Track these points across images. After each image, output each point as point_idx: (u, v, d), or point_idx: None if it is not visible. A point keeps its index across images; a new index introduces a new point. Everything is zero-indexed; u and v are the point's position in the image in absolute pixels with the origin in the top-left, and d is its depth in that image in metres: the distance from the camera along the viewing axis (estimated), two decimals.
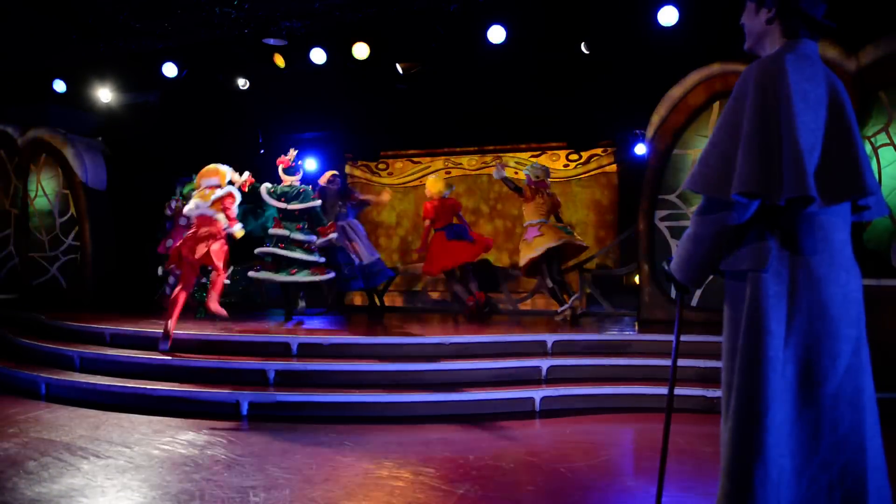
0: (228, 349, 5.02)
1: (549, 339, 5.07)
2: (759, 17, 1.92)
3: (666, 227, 6.13)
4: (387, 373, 4.65)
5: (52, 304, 7.49)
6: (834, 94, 1.83)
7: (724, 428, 1.83)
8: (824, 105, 1.80)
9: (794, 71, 1.77)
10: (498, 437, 3.96)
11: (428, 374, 4.66)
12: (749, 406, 1.75)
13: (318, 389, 4.45)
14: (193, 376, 4.68)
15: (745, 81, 1.81)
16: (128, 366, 4.89)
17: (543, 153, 10.18)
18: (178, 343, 5.12)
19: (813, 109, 1.77)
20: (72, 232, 7.97)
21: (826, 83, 1.83)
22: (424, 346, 4.97)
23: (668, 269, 2.06)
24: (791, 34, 1.88)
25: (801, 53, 1.84)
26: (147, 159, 8.79)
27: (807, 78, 1.79)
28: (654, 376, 4.66)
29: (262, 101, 9.24)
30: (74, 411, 4.41)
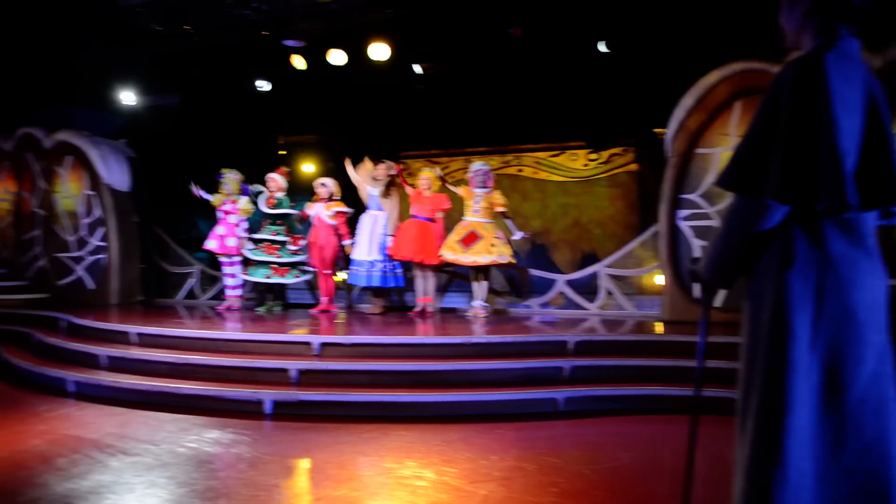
0: (251, 348, 5.06)
1: (572, 339, 5.04)
2: (794, 11, 1.86)
3: (688, 226, 6.08)
4: (408, 372, 4.65)
5: (78, 303, 7.60)
6: (872, 96, 1.77)
7: (742, 427, 1.80)
8: (862, 108, 1.74)
9: (834, 71, 1.70)
10: (521, 437, 3.95)
11: (450, 373, 4.65)
12: (771, 407, 1.71)
13: (340, 388, 4.47)
14: (217, 375, 4.73)
15: (782, 80, 1.75)
16: (153, 365, 4.95)
17: (562, 152, 10.17)
18: (202, 343, 5.18)
19: (851, 113, 1.71)
20: (97, 232, 8.08)
21: (865, 86, 1.76)
22: (446, 347, 4.97)
23: (696, 268, 2.02)
24: (829, 30, 1.81)
25: (841, 52, 1.77)
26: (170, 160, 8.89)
27: (846, 79, 1.72)
28: (678, 377, 4.62)
29: (282, 102, 9.31)
30: (102, 409, 4.47)
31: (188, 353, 5.00)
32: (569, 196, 10.39)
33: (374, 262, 6.71)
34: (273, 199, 7.11)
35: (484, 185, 6.57)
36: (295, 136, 11.03)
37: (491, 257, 6.30)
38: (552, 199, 10.51)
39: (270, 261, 6.95)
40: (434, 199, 6.70)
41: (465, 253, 6.37)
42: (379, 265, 6.70)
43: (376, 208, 6.85)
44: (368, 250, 6.74)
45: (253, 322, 6.15)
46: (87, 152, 8.00)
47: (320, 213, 6.96)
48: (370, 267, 6.71)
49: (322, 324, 6.11)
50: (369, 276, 6.73)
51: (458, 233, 6.50)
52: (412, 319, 6.42)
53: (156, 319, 6.18)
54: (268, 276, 6.94)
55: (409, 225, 6.67)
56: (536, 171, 10.53)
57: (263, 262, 6.96)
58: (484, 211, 6.50)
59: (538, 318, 6.60)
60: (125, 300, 7.98)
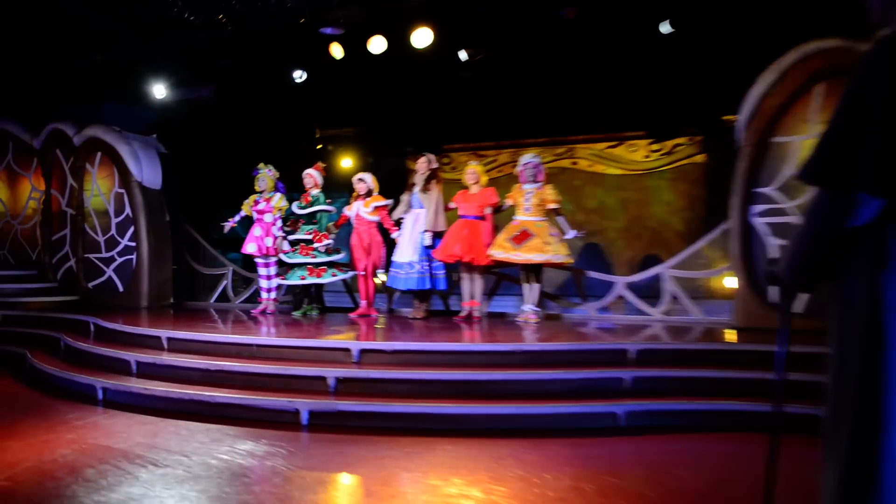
0: (287, 355, 5.11)
1: (633, 347, 4.95)
2: None
3: (763, 223, 5.92)
4: (454, 382, 4.63)
5: (108, 306, 7.84)
6: None
7: (830, 448, 1.73)
8: None
9: None
10: (577, 455, 3.88)
11: (498, 384, 4.62)
12: (864, 425, 1.64)
13: (381, 398, 4.48)
14: (251, 383, 4.79)
15: (873, 60, 1.66)
16: (185, 371, 5.05)
17: (621, 143, 10.02)
18: (236, 349, 5.27)
19: None
20: (127, 232, 8.29)
21: None
22: (494, 355, 4.94)
23: (774, 270, 1.95)
24: None
25: None
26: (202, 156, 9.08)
27: None
28: (753, 391, 4.48)
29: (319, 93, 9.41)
30: (131, 417, 4.58)
31: (221, 359, 5.09)
32: (628, 191, 10.24)
33: (415, 263, 6.72)
34: (309, 197, 7.21)
35: (535, 180, 6.51)
36: (332, 130, 11.14)
37: (545, 256, 6.24)
38: (610, 194, 10.36)
39: (306, 262, 7.05)
40: (482, 195, 6.68)
41: (516, 251, 6.32)
42: (419, 266, 6.71)
43: (419, 206, 6.86)
44: (409, 251, 6.75)
45: (288, 327, 6.23)
46: (118, 148, 8.23)
47: (360, 212, 7.01)
48: (410, 268, 6.72)
49: (362, 329, 6.14)
50: (409, 279, 6.74)
51: (508, 231, 6.46)
52: (457, 325, 6.40)
53: (187, 323, 6.31)
54: (303, 278, 7.03)
55: (457, 225, 6.67)
56: (592, 164, 10.41)
57: (299, 264, 7.07)
58: (536, 208, 6.44)
59: (595, 325, 6.51)
60: (156, 303, 8.19)
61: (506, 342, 5.12)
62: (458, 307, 7.05)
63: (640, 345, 5.02)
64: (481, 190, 6.72)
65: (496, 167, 10.77)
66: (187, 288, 8.87)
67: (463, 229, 6.60)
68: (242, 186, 7.45)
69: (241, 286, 8.70)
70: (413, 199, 6.92)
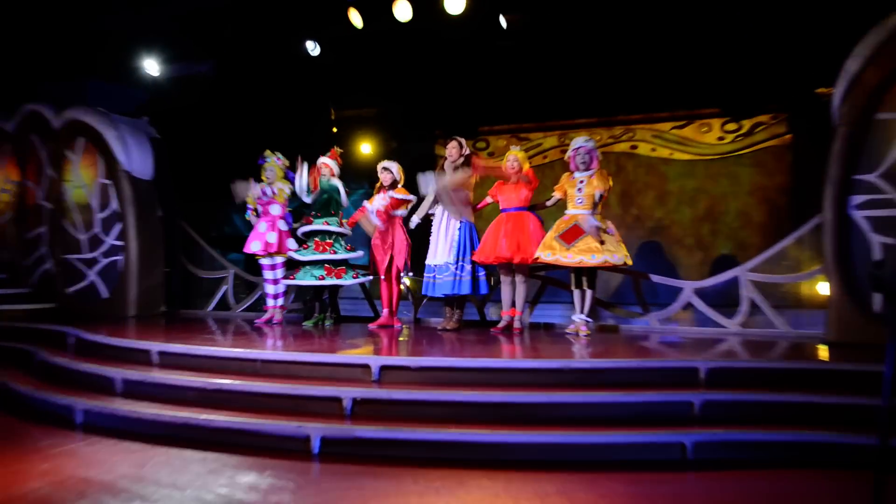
0: (296, 372, 5.11)
1: (704, 365, 4.86)
2: None
3: (864, 217, 5.79)
4: (491, 405, 4.58)
5: (90, 315, 7.92)
6: None
7: None
8: None
9: None
10: (636, 493, 3.80)
11: (544, 407, 4.57)
12: None
13: (405, 423, 4.44)
14: (255, 405, 4.79)
15: None
16: (178, 391, 5.07)
17: (690, 123, 9.90)
18: (237, 364, 5.28)
19: None
20: (114, 230, 8.39)
21: None
22: (539, 373, 4.88)
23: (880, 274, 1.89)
24: None
25: None
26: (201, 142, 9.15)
27: None
28: (851, 420, 4.36)
29: (335, 68, 9.44)
30: (116, 444, 4.60)
31: (220, 376, 5.09)
32: (698, 179, 10.11)
33: (450, 264, 6.68)
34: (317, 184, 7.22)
35: (587, 167, 6.45)
36: (350, 111, 11.18)
37: (600, 257, 6.16)
38: (676, 183, 10.25)
39: (323, 259, 7.06)
40: (521, 183, 6.62)
41: (567, 251, 6.26)
42: (454, 268, 6.67)
43: None
44: (441, 252, 6.72)
45: (298, 339, 6.24)
46: (103, 133, 8.34)
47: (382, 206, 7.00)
48: (446, 271, 6.69)
49: (383, 342, 6.12)
50: (444, 283, 6.71)
51: (557, 228, 6.40)
52: (495, 337, 6.35)
53: (182, 335, 6.34)
54: (321, 278, 7.03)
55: (498, 221, 6.63)
56: (655, 148, 10.30)
57: (314, 262, 7.08)
58: (589, 199, 6.37)
59: (659, 338, 6.42)
60: (145, 311, 8.28)
61: (552, 358, 5.05)
62: (496, 317, 7.01)
63: (712, 362, 4.93)
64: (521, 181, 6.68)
65: (541, 152, 10.73)
66: (182, 294, 8.96)
67: (506, 224, 6.56)
68: (246, 177, 7.49)
69: (244, 292, 8.76)
70: None
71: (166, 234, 8.67)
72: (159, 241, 8.56)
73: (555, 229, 6.41)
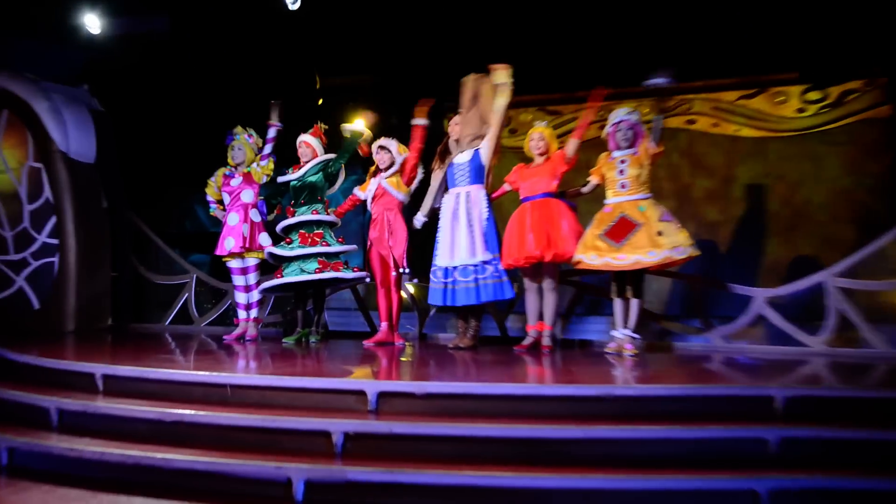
0: (275, 400, 5.10)
1: (780, 393, 4.82)
2: None
3: None
4: (514, 441, 4.55)
5: (17, 329, 7.89)
6: None
7: None
8: None
9: None
10: None
11: (580, 444, 4.53)
12: None
13: (409, 464, 4.42)
14: (225, 440, 4.77)
15: None
16: (129, 424, 5.05)
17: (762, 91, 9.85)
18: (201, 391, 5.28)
19: None
20: (47, 225, 8.40)
21: None
22: (574, 401, 4.85)
23: None
24: None
25: None
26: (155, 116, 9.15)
27: None
28: None
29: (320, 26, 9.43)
30: (50, 491, 4.55)
31: (180, 405, 5.08)
32: (772, 161, 10.08)
33: (469, 267, 6.66)
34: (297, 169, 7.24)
35: (630, 144, 6.44)
36: (339, 78, 11.18)
37: (661, 253, 6.11)
38: (744, 166, 10.22)
39: (315, 252, 7.09)
40: (551, 164, 6.63)
41: (618, 251, 6.21)
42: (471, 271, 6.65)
43: (466, 182, 6.82)
44: (461, 250, 6.70)
45: (277, 360, 6.24)
46: (33, 104, 8.34)
47: (385, 187, 7.01)
48: (465, 275, 6.67)
49: (381, 363, 6.11)
50: (458, 290, 6.70)
51: (599, 223, 6.36)
52: (520, 357, 6.35)
53: (133, 355, 6.34)
54: (318, 271, 7.04)
55: (521, 213, 6.63)
56: (718, 123, 10.27)
57: (303, 256, 7.10)
58: (635, 183, 6.36)
59: (723, 358, 6.41)
60: (87, 325, 8.29)
61: (590, 384, 5.04)
62: (520, 332, 6.99)
63: (791, 390, 4.87)
64: (548, 159, 6.69)
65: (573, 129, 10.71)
66: (133, 304, 8.98)
67: (531, 214, 6.55)
68: (213, 159, 7.50)
69: (209, 301, 8.78)
70: (449, 175, 6.89)
71: (113, 231, 8.68)
72: (104, 239, 8.58)
73: (596, 225, 6.39)
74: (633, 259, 6.17)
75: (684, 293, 7.48)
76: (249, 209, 7.37)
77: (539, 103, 10.87)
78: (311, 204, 7.21)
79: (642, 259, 6.15)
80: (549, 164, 6.67)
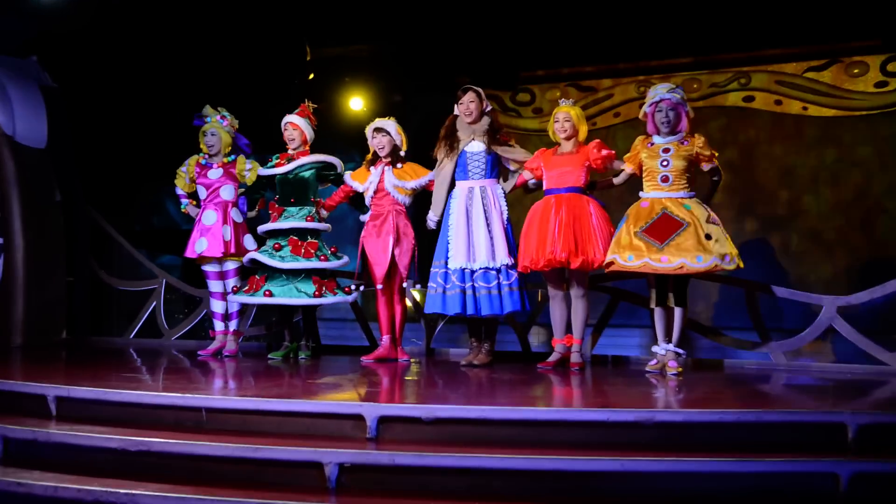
0: (259, 426, 5.14)
1: (853, 420, 4.80)
2: None
3: None
4: (537, 474, 4.55)
5: None
6: None
7: None
8: None
9: None
10: None
11: (614, 479, 4.53)
12: None
13: (415, 500, 4.47)
14: (199, 473, 4.79)
15: None
16: (87, 454, 5.05)
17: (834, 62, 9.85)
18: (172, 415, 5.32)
19: None
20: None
21: None
22: (608, 428, 4.87)
23: None
24: None
25: None
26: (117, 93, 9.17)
27: None
28: None
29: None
30: None
31: (148, 433, 5.09)
32: (845, 144, 10.08)
33: (490, 271, 6.69)
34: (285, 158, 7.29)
35: (673, 129, 6.44)
36: (333, 48, 11.22)
37: (711, 259, 6.11)
38: (811, 151, 10.22)
39: (310, 269, 7.11)
40: (583, 155, 6.66)
41: (660, 252, 6.18)
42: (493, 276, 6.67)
43: (479, 175, 6.85)
44: (470, 250, 6.73)
45: (260, 379, 6.27)
46: None
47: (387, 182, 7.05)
48: (488, 280, 6.69)
49: (382, 382, 6.16)
50: (476, 297, 6.72)
51: (637, 219, 6.34)
52: (544, 376, 6.39)
53: (92, 373, 6.36)
54: (316, 294, 7.07)
55: (545, 207, 6.66)
56: (781, 101, 10.26)
57: (293, 270, 7.10)
58: (680, 177, 6.37)
59: (784, 378, 6.43)
60: (38, 339, 8.29)
61: (627, 407, 5.06)
62: (544, 347, 7.01)
63: (865, 415, 4.87)
64: (580, 147, 6.71)
65: (611, 108, 10.74)
66: (92, 314, 9.01)
67: (555, 210, 6.56)
68: (184, 145, 7.53)
69: (181, 311, 8.81)
70: (461, 164, 6.90)
71: (68, 228, 8.70)
72: (58, 239, 8.58)
73: (632, 221, 6.36)
74: (677, 262, 6.12)
75: (738, 301, 7.45)
76: (230, 208, 7.38)
77: (568, 77, 10.91)
78: (301, 204, 7.24)
79: (689, 264, 6.09)
80: (581, 153, 6.65)
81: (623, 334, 7.66)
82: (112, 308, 9.05)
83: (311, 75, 11.20)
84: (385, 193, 7.11)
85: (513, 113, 10.63)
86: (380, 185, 7.11)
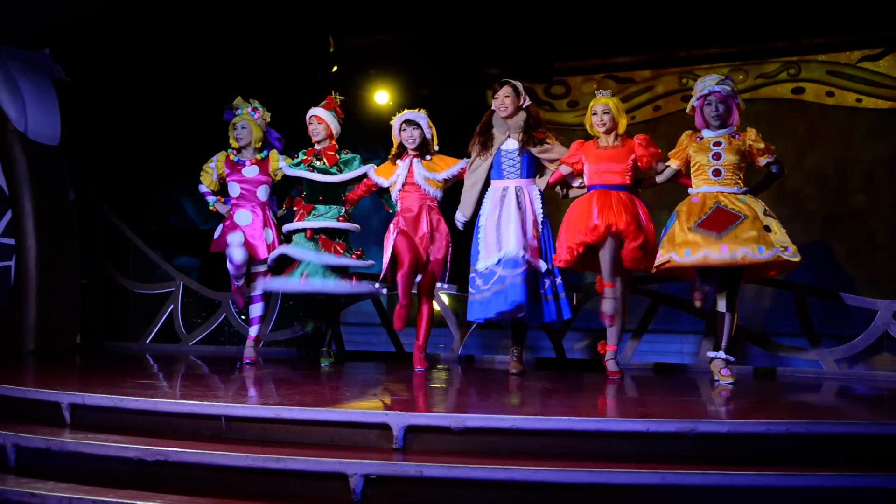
0: (279, 435, 5.17)
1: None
2: None
3: None
4: (574, 488, 4.53)
5: None
6: None
7: None
8: None
9: None
10: None
11: (657, 493, 4.52)
12: None
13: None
14: (218, 484, 4.81)
15: None
16: (103, 464, 5.09)
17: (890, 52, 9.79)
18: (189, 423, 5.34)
19: None
20: (1, 222, 8.50)
21: None
22: (650, 439, 4.85)
23: None
24: None
25: None
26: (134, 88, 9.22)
27: None
28: None
29: None
30: None
31: (165, 442, 5.12)
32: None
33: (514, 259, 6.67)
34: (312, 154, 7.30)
35: (722, 123, 6.42)
36: (358, 38, 11.23)
37: (773, 251, 6.06)
38: (866, 146, 10.15)
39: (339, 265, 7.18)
40: (627, 150, 6.65)
41: (718, 243, 6.12)
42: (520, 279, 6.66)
43: (514, 175, 6.86)
44: (500, 242, 6.73)
45: (283, 386, 6.28)
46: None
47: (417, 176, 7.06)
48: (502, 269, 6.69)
49: (409, 390, 6.18)
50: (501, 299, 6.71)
51: (689, 215, 6.28)
52: (578, 383, 6.38)
53: (107, 380, 6.39)
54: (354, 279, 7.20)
55: (588, 200, 6.64)
56: (833, 92, 10.19)
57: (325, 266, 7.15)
58: (732, 171, 6.33)
59: (838, 387, 6.41)
60: (51, 344, 8.35)
61: (671, 417, 5.04)
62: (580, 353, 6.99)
63: None
64: (624, 140, 6.70)
65: (651, 101, 10.70)
66: (107, 318, 9.06)
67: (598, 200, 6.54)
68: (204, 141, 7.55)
69: (198, 314, 8.84)
70: (496, 163, 6.90)
71: (82, 229, 8.75)
72: (71, 239, 8.64)
73: (684, 218, 6.32)
74: (739, 253, 6.02)
75: (786, 306, 7.42)
76: (267, 209, 7.42)
77: (605, 68, 10.87)
78: (331, 203, 7.30)
79: (750, 255, 6.00)
80: (626, 147, 6.65)
81: (664, 339, 7.62)
82: (127, 312, 9.09)
83: (335, 67, 11.20)
84: (415, 187, 7.10)
85: (546, 106, 10.59)
86: (408, 178, 7.10)
